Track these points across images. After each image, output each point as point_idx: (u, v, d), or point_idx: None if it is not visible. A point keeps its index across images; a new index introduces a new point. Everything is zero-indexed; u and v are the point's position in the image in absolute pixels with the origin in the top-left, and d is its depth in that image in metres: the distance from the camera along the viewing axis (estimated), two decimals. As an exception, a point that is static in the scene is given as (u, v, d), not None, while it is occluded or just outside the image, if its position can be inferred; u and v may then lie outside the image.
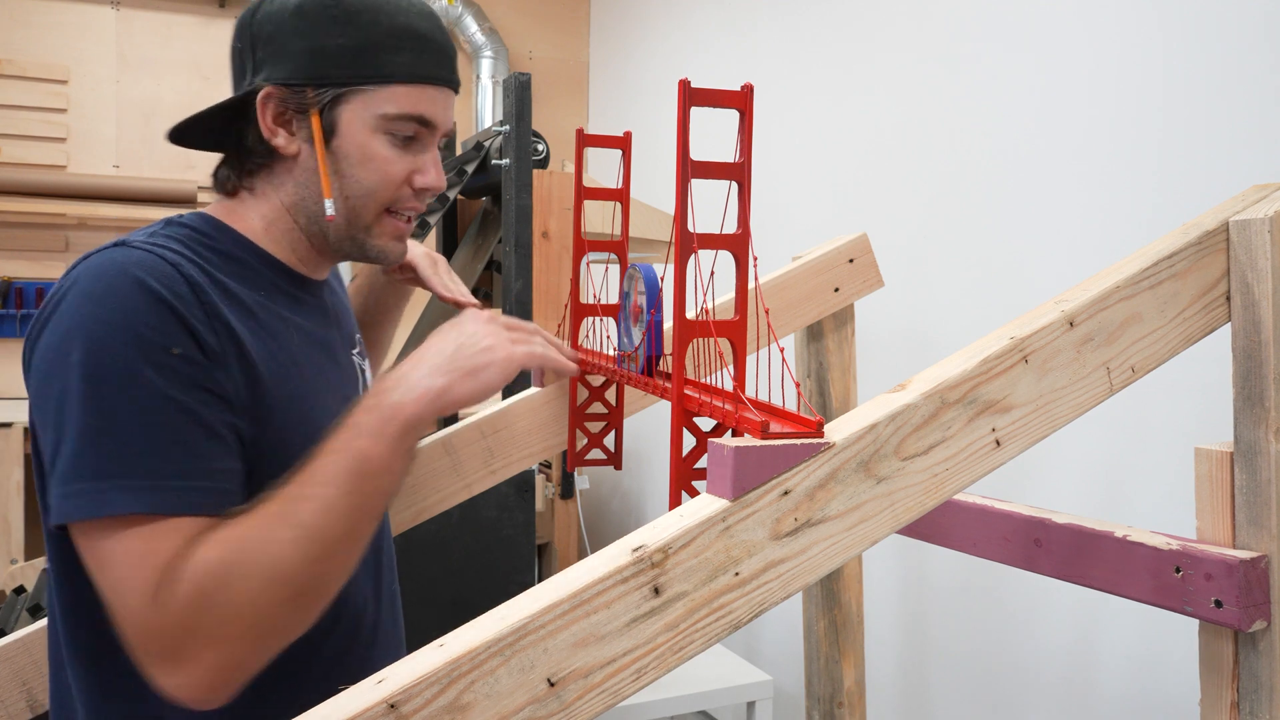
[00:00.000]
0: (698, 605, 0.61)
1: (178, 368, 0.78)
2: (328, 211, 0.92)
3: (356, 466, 0.78)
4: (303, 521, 0.76)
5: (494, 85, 3.65)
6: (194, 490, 0.77)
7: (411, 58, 0.91)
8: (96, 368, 0.76)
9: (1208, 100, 1.45)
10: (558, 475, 2.91)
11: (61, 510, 0.75)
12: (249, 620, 0.74)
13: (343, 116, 0.90)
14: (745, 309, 0.78)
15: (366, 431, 0.80)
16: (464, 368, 0.85)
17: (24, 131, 3.25)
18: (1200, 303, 0.79)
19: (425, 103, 0.92)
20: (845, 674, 1.32)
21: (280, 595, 0.75)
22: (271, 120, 0.91)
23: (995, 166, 1.84)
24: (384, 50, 0.90)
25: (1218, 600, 0.75)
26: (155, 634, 0.73)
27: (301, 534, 0.76)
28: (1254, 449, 0.76)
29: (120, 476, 0.75)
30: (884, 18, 2.16)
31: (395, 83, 0.90)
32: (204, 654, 0.73)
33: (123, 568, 0.74)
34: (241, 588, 0.74)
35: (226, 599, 0.74)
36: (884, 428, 0.66)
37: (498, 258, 2.24)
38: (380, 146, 0.92)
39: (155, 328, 0.77)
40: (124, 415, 0.75)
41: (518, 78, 2.03)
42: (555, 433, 1.24)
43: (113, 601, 0.75)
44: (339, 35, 0.89)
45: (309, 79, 0.89)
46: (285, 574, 0.75)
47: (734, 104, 0.74)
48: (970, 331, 1.86)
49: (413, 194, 0.95)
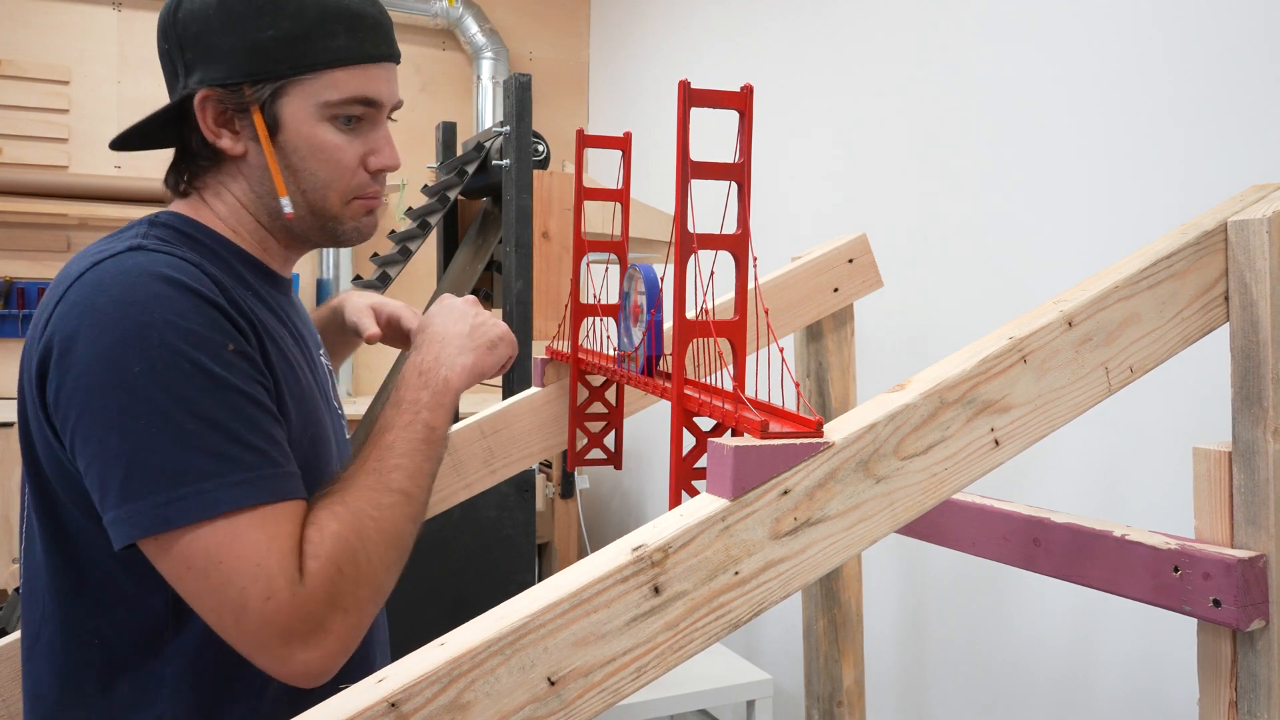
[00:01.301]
0: (697, 604, 0.61)
1: (236, 363, 0.79)
2: (285, 210, 0.90)
3: (427, 434, 0.87)
4: (401, 488, 0.83)
5: (494, 86, 3.65)
6: (288, 476, 0.80)
7: (345, 39, 0.88)
8: (166, 372, 0.75)
9: (1207, 100, 1.45)
10: (558, 475, 2.92)
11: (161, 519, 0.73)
12: (376, 584, 0.80)
13: (285, 110, 0.88)
14: (745, 309, 0.78)
15: (427, 405, 0.89)
16: (483, 344, 0.97)
17: (25, 132, 3.25)
18: (1199, 303, 0.79)
19: (368, 82, 0.90)
20: (845, 673, 1.32)
21: (395, 556, 0.82)
22: (213, 122, 0.89)
23: (995, 167, 1.85)
24: (317, 36, 0.87)
25: (1216, 599, 0.75)
26: (302, 613, 0.75)
27: (402, 499, 0.83)
28: (1252, 449, 0.76)
29: (220, 474, 0.75)
30: (884, 18, 2.17)
31: (332, 67, 0.88)
32: (340, 624, 0.77)
33: (249, 561, 0.74)
34: (368, 554, 0.79)
35: (357, 567, 0.78)
36: (883, 427, 0.66)
37: (498, 258, 2.24)
38: (328, 134, 0.89)
39: (209, 325, 0.79)
40: (209, 414, 0.76)
41: (518, 78, 2.03)
42: (555, 432, 1.24)
43: (243, 597, 0.74)
44: (269, 27, 0.86)
45: (245, 76, 0.86)
46: (398, 536, 0.82)
47: (734, 104, 0.74)
48: (969, 331, 1.86)
49: (370, 177, 0.94)
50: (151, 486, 0.74)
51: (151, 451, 0.74)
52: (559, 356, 1.24)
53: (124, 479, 0.74)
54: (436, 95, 3.74)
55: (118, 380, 0.75)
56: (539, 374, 1.25)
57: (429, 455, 0.87)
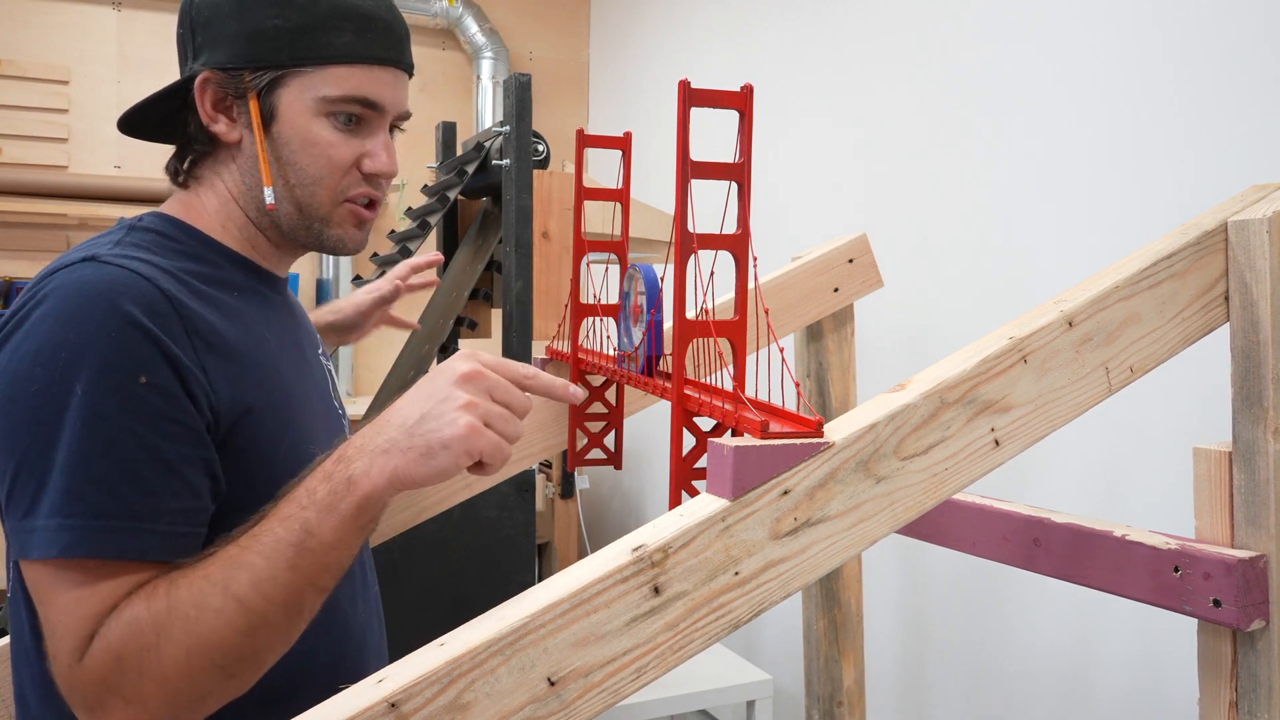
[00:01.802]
0: (697, 605, 0.61)
1: (145, 398, 0.74)
2: (267, 200, 0.89)
3: (300, 540, 0.72)
4: (237, 593, 0.72)
5: (494, 86, 3.65)
6: (143, 533, 0.74)
7: (353, 37, 0.88)
8: (58, 396, 0.73)
9: (1207, 100, 1.45)
10: (558, 475, 2.92)
11: (17, 545, 0.74)
12: (171, 684, 0.72)
13: (282, 100, 0.88)
14: (745, 309, 0.78)
15: (317, 504, 0.73)
16: (420, 446, 0.73)
17: (25, 132, 3.25)
18: (1199, 303, 0.79)
19: (368, 84, 0.89)
20: (845, 673, 1.32)
21: (204, 664, 0.72)
22: (210, 106, 0.89)
23: (995, 167, 1.85)
24: (322, 30, 0.87)
25: (1216, 600, 0.75)
26: (77, 686, 0.72)
27: (233, 606, 0.72)
28: (1252, 449, 0.76)
29: (68, 513, 0.72)
30: (884, 18, 2.17)
31: (335, 63, 0.87)
32: (120, 711, 0.72)
33: (58, 613, 0.73)
34: (163, 652, 0.71)
35: (145, 662, 0.71)
36: (883, 427, 0.66)
37: (498, 258, 2.24)
38: (323, 130, 0.88)
39: (125, 354, 0.74)
40: (81, 449, 0.72)
41: (518, 78, 2.03)
42: (555, 432, 1.24)
43: (47, 643, 0.74)
44: (275, 16, 0.86)
45: (246, 62, 0.87)
46: (211, 644, 0.72)
47: (734, 104, 0.74)
48: (970, 331, 1.86)
49: (363, 179, 0.92)
50: (21, 509, 0.74)
51: (27, 473, 0.73)
52: (559, 356, 1.24)
53: (6, 494, 0.75)
54: (436, 95, 3.74)
55: (18, 395, 0.74)
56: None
57: (293, 564, 0.72)
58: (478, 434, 0.72)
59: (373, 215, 0.95)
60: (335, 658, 0.94)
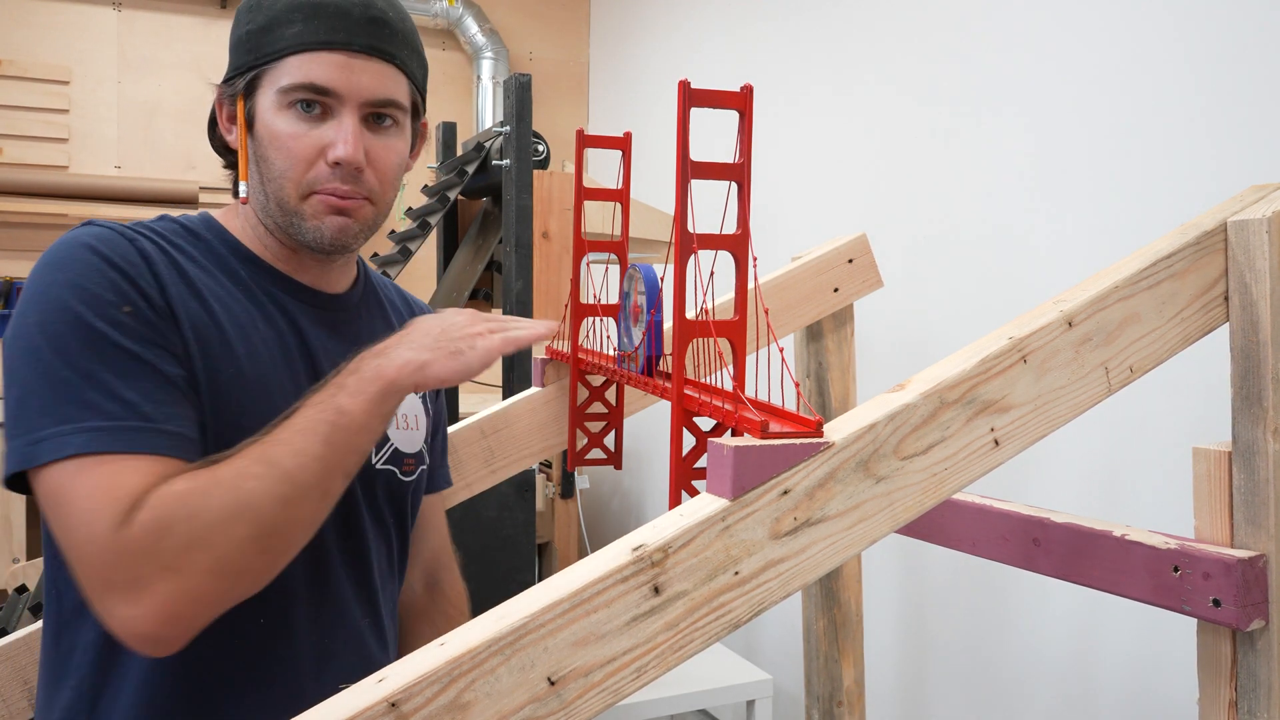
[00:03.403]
0: (697, 604, 0.61)
1: (129, 323, 0.81)
2: (241, 193, 0.94)
3: (335, 419, 0.80)
4: (277, 462, 0.78)
5: (494, 86, 3.65)
6: (153, 432, 0.78)
7: (301, 27, 0.89)
8: (53, 324, 0.79)
9: (1207, 100, 1.45)
10: (558, 475, 2.92)
11: (25, 457, 0.77)
12: (212, 552, 0.75)
13: (258, 101, 0.92)
14: (745, 309, 0.79)
15: (348, 390, 0.82)
16: (447, 348, 0.85)
17: (26, 132, 3.25)
18: (1199, 303, 0.79)
19: (318, 69, 0.89)
20: (844, 673, 1.32)
21: (245, 531, 0.76)
22: (225, 119, 0.96)
23: (995, 167, 1.85)
24: (277, 26, 0.90)
25: (1216, 599, 0.75)
26: (116, 560, 0.73)
27: (274, 473, 0.77)
28: (1252, 449, 0.76)
29: (79, 420, 0.76)
30: (883, 18, 2.17)
31: (286, 55, 0.90)
32: (162, 583, 0.73)
33: (87, 500, 0.75)
34: (206, 517, 0.75)
35: (189, 527, 0.74)
36: (883, 427, 0.66)
37: (498, 258, 2.24)
38: (284, 124, 0.90)
39: (108, 287, 0.81)
40: (81, 364, 0.78)
41: (518, 79, 2.03)
42: (555, 433, 1.24)
43: (74, 538, 0.75)
44: (248, 22, 0.92)
45: (234, 70, 0.93)
46: (252, 509, 0.76)
47: (734, 104, 0.74)
48: (969, 332, 1.86)
49: (330, 172, 0.91)
50: (26, 427, 0.78)
51: (31, 395, 0.78)
52: (559, 356, 1.24)
53: (10, 419, 0.79)
54: (436, 95, 3.73)
55: (20, 332, 0.81)
56: (539, 374, 1.25)
57: (328, 439, 0.80)
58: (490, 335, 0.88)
59: (349, 204, 0.92)
60: (332, 650, 0.94)
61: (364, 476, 0.99)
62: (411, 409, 1.06)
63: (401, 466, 1.03)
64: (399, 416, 1.03)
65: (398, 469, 1.02)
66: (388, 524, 1.02)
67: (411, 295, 1.18)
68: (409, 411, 1.05)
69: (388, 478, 1.01)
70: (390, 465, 1.02)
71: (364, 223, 0.95)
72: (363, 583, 0.98)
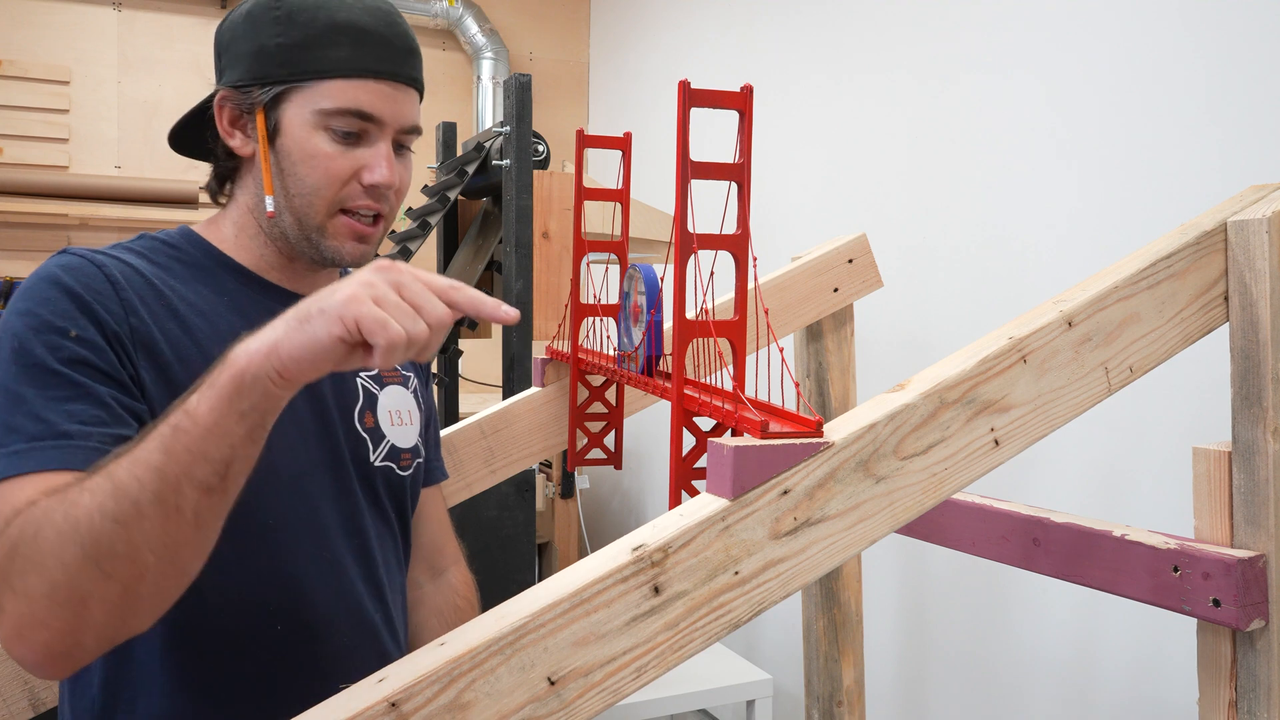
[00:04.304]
0: (697, 604, 0.61)
1: (68, 347, 0.81)
2: (267, 208, 0.93)
3: (176, 420, 0.70)
4: (112, 474, 0.70)
5: (494, 86, 3.65)
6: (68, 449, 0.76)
7: (349, 52, 0.90)
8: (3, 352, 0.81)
9: (1207, 100, 1.45)
10: (558, 475, 2.92)
11: None
12: (49, 575, 0.69)
13: (285, 115, 0.92)
14: (745, 309, 0.79)
15: (198, 387, 0.71)
16: (295, 316, 0.70)
17: (26, 132, 3.25)
18: (1198, 303, 0.79)
19: (363, 96, 0.91)
20: (844, 673, 1.32)
21: (75, 553, 0.68)
22: (227, 123, 0.94)
23: (994, 166, 1.85)
24: (319, 46, 0.90)
25: (1216, 599, 0.75)
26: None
27: (105, 487, 0.69)
28: (1252, 448, 0.76)
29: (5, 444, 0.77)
30: (883, 19, 2.17)
31: (331, 77, 0.90)
32: (10, 604, 0.70)
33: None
34: (41, 539, 0.69)
35: (30, 551, 0.69)
36: (883, 427, 0.66)
37: (498, 258, 2.24)
38: (321, 143, 0.91)
39: (60, 314, 0.82)
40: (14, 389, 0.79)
41: (518, 79, 2.03)
42: (555, 432, 1.25)
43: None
44: (278, 34, 0.91)
45: (254, 79, 0.92)
46: (82, 529, 0.68)
47: (734, 105, 0.74)
48: (969, 332, 1.86)
49: (363, 191, 0.93)
50: None
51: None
52: (559, 356, 1.24)
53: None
54: (436, 95, 3.74)
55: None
56: (539, 374, 1.25)
57: (168, 447, 0.69)
58: (357, 302, 0.67)
59: (374, 231, 0.96)
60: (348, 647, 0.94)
61: (364, 474, 0.99)
62: (404, 404, 1.06)
63: (399, 462, 1.03)
64: (393, 413, 1.03)
65: (395, 464, 1.03)
66: (390, 519, 1.03)
67: None
68: (401, 407, 1.05)
69: (386, 474, 1.02)
70: (388, 461, 1.02)
71: (377, 242, 0.98)
72: (372, 579, 0.99)
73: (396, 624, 1.02)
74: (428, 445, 1.13)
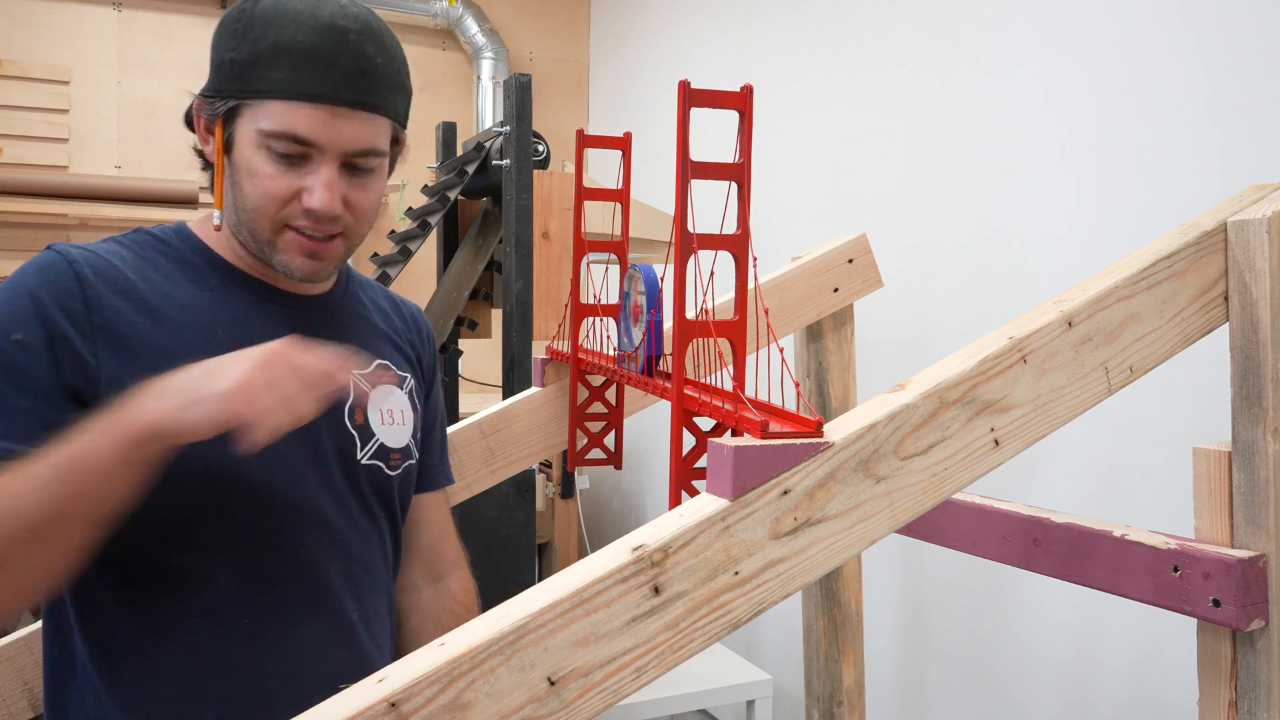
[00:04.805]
0: (697, 604, 0.61)
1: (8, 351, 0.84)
2: (215, 221, 0.95)
3: (70, 459, 0.76)
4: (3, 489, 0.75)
5: (494, 86, 3.65)
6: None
7: (288, 74, 0.89)
8: None
9: (1206, 100, 1.45)
10: (558, 475, 2.92)
11: None
12: None
13: (238, 129, 0.92)
14: (745, 309, 0.79)
15: (96, 428, 0.77)
16: (193, 394, 0.77)
17: (25, 132, 3.25)
18: (1198, 303, 0.79)
19: (300, 120, 0.89)
20: (844, 673, 1.32)
21: None
22: (202, 129, 0.96)
23: (994, 166, 1.85)
24: (263, 65, 0.89)
25: (1216, 599, 0.75)
26: None
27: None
28: (1252, 448, 0.76)
29: None
30: (884, 18, 2.17)
31: (270, 98, 0.89)
32: None
33: None
34: None
35: None
36: (883, 427, 0.66)
37: (498, 258, 2.24)
38: (262, 163, 0.90)
39: (12, 315, 0.85)
40: None
41: (518, 79, 2.03)
42: (555, 432, 1.25)
43: None
44: (233, 49, 0.91)
45: (214, 91, 0.93)
46: None
47: (734, 105, 0.74)
48: (969, 332, 1.86)
49: (303, 213, 0.91)
50: None
51: None
52: (559, 356, 1.24)
53: None
54: (436, 95, 3.74)
55: None
56: (539, 374, 1.25)
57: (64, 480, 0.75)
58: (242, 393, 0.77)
59: (326, 247, 0.94)
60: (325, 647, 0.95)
61: (348, 471, 0.99)
62: (397, 403, 1.06)
63: (388, 461, 1.03)
64: (384, 411, 1.04)
65: (384, 463, 1.02)
66: (378, 518, 1.03)
67: (401, 297, 1.18)
68: (394, 406, 1.05)
69: (373, 472, 1.02)
70: (376, 460, 1.02)
71: (336, 258, 0.96)
72: (350, 575, 0.99)
73: (376, 624, 1.02)
74: (431, 449, 1.13)
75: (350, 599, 0.98)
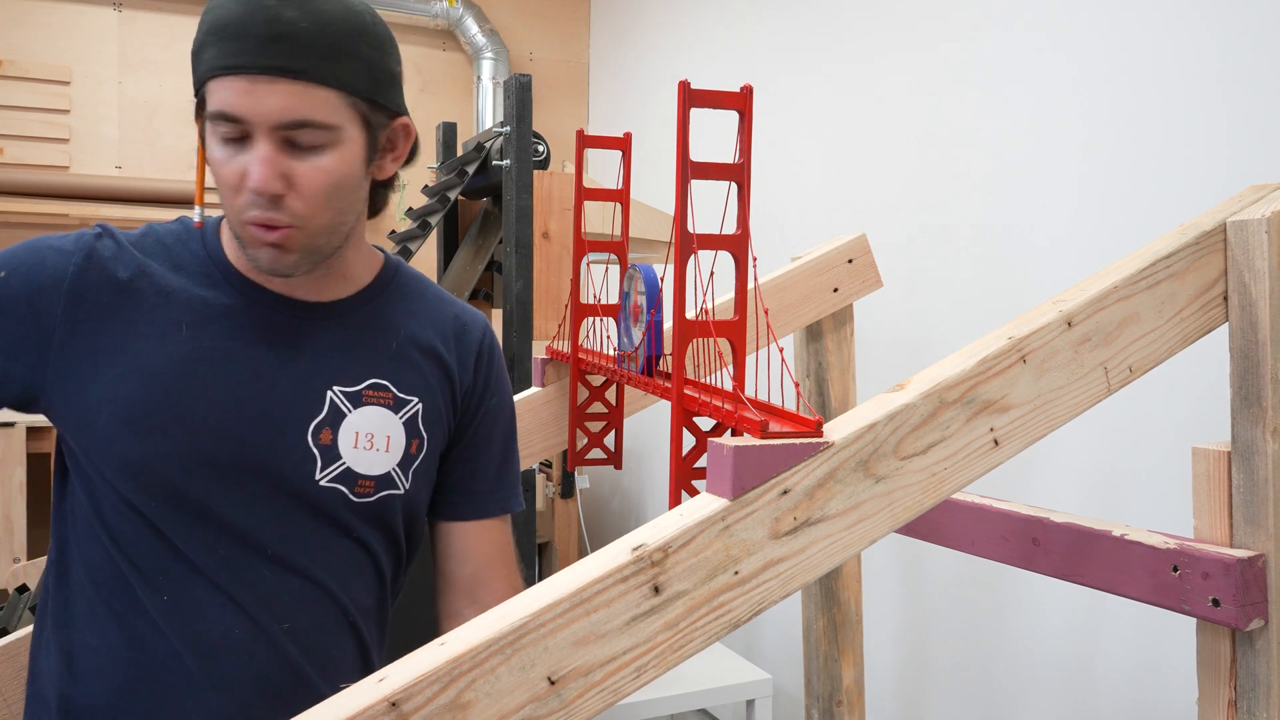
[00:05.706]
0: (697, 604, 0.61)
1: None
2: (195, 217, 0.95)
3: None
4: None
5: (494, 86, 3.65)
6: None
7: (213, 52, 0.85)
8: None
9: (1206, 100, 1.46)
10: (558, 475, 2.92)
11: None
12: None
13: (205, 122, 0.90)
14: (745, 309, 0.79)
15: None
16: None
17: (26, 132, 3.25)
18: (1198, 303, 0.79)
19: (224, 96, 0.85)
20: (844, 672, 1.32)
21: None
22: None
23: (994, 166, 1.85)
24: (203, 50, 0.87)
25: (1215, 599, 0.75)
26: None
27: None
28: (1251, 448, 0.76)
29: None
30: (883, 18, 2.17)
31: (207, 80, 0.86)
32: None
33: None
34: None
35: None
36: (883, 427, 0.66)
37: (498, 258, 2.25)
38: (214, 150, 0.88)
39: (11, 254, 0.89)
40: None
41: (518, 79, 2.03)
42: (555, 432, 1.25)
43: None
44: (194, 41, 0.89)
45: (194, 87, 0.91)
46: None
47: (733, 105, 0.75)
48: (969, 332, 1.86)
49: (252, 198, 0.86)
50: None
51: None
52: (559, 356, 1.24)
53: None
54: (436, 95, 3.74)
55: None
56: (539, 374, 1.25)
57: None
58: None
59: (276, 237, 0.88)
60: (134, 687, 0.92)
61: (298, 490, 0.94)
62: (381, 428, 0.97)
63: (353, 487, 0.95)
64: (359, 435, 0.96)
65: (348, 489, 0.95)
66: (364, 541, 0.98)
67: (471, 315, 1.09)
68: (376, 430, 0.97)
69: (334, 496, 0.95)
70: (338, 484, 0.95)
71: (300, 249, 0.90)
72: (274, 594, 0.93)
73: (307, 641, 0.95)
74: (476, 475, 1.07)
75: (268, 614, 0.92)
